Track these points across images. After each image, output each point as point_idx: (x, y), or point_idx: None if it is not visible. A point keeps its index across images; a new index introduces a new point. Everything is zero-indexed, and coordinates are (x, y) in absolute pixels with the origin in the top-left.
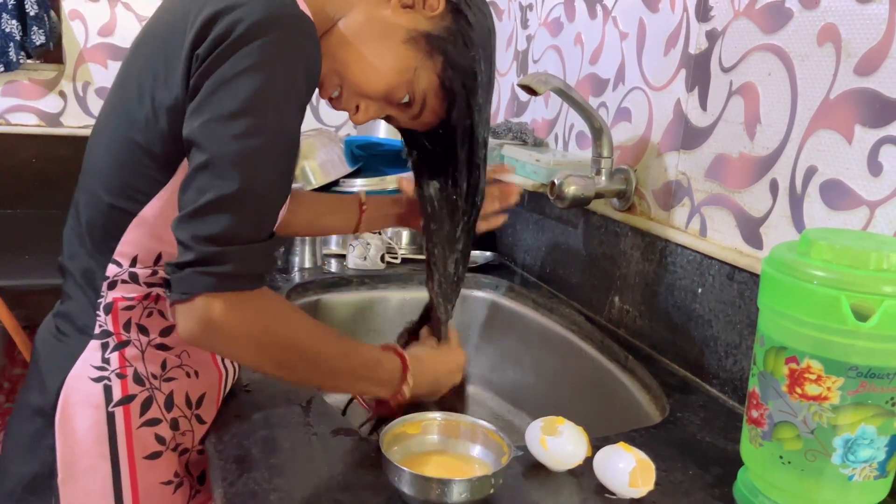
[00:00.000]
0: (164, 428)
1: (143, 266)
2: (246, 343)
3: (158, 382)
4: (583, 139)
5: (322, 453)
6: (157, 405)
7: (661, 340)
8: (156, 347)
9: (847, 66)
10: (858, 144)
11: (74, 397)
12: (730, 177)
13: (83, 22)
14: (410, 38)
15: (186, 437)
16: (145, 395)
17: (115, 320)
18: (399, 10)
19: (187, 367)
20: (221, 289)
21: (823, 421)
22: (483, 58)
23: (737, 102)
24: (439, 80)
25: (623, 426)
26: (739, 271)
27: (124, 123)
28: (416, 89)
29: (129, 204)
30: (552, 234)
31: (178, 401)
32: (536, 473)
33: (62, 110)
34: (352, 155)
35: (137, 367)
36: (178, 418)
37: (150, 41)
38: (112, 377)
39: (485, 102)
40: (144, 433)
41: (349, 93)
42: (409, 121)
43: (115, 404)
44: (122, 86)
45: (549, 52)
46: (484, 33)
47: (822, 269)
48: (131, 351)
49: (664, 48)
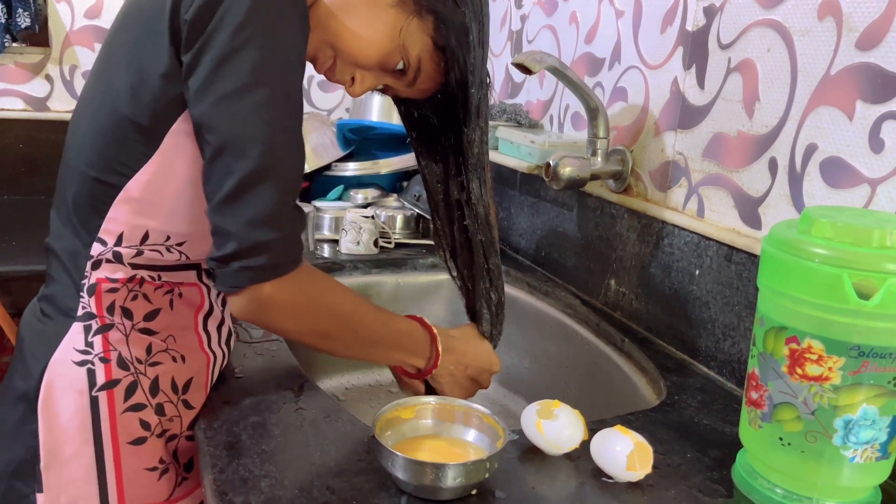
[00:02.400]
0: (148, 413)
1: (128, 245)
2: (293, 318)
3: (143, 367)
4: (578, 120)
5: (314, 439)
6: (141, 390)
7: (657, 323)
8: (140, 331)
9: (848, 40)
10: (860, 121)
11: (57, 382)
12: (728, 156)
13: (69, 4)
14: (399, 1)
15: (174, 423)
16: (130, 380)
17: (98, 302)
18: None
19: (173, 351)
20: (265, 279)
21: (824, 402)
22: (474, 17)
23: (735, 80)
24: (432, 41)
25: (619, 409)
26: (737, 252)
27: (108, 96)
28: (410, 53)
29: (114, 178)
30: (547, 217)
31: (164, 386)
32: (532, 457)
33: (49, 94)
34: (344, 139)
35: (122, 351)
36: (164, 403)
37: (132, 11)
38: (95, 361)
39: (479, 64)
40: (129, 418)
41: (343, 64)
42: (406, 89)
43: (99, 389)
44: (106, 59)
45: (544, 31)
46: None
47: (824, 246)
48: (115, 335)
49: (661, 26)
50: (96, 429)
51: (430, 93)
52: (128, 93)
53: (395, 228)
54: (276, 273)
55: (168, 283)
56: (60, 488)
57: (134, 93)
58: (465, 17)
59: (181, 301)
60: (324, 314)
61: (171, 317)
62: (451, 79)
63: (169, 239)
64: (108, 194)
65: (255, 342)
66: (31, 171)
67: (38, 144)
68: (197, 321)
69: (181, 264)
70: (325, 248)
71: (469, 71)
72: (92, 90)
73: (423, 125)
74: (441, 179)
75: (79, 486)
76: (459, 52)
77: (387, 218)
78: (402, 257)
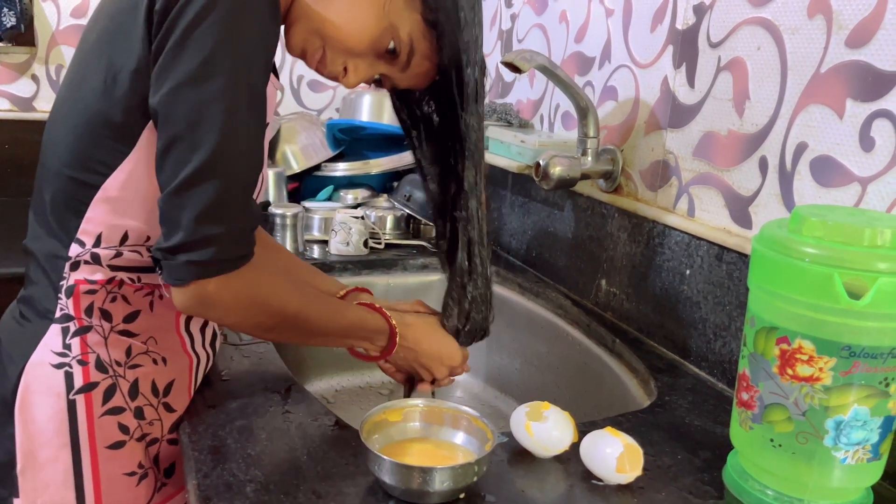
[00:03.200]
0: (127, 417)
1: (106, 246)
2: (236, 314)
3: (123, 370)
4: (568, 120)
5: (301, 442)
6: (120, 393)
7: (648, 323)
8: (119, 333)
9: (838, 38)
10: (850, 119)
11: (35, 385)
12: (718, 155)
13: (55, 3)
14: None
15: (154, 427)
16: (108, 383)
17: (76, 304)
18: None
19: (154, 353)
20: (211, 274)
21: (815, 402)
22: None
23: (725, 78)
24: (422, 17)
25: (610, 411)
26: (728, 251)
27: (84, 94)
28: (401, 33)
29: (91, 177)
30: (538, 217)
31: (144, 388)
32: (522, 460)
33: (35, 94)
34: (334, 139)
35: (100, 354)
36: (143, 406)
37: (105, 7)
38: (73, 364)
39: (473, 42)
40: (107, 422)
41: (334, 52)
42: (401, 75)
43: (76, 392)
44: (80, 57)
45: (534, 30)
46: None
47: (815, 246)
48: (93, 337)
49: (651, 24)
50: (73, 433)
51: (427, 77)
52: (101, 90)
53: (385, 229)
54: (221, 269)
55: (148, 284)
56: (37, 493)
57: (107, 90)
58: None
59: (161, 303)
60: (268, 312)
61: (152, 319)
62: (444, 57)
63: (149, 239)
64: (85, 194)
65: (242, 344)
66: (16, 172)
67: (24, 145)
68: (178, 323)
69: None
70: (314, 248)
71: (462, 49)
72: (67, 89)
73: (423, 123)
74: (440, 179)
75: (55, 490)
76: (450, 27)
77: (377, 218)
78: (393, 258)
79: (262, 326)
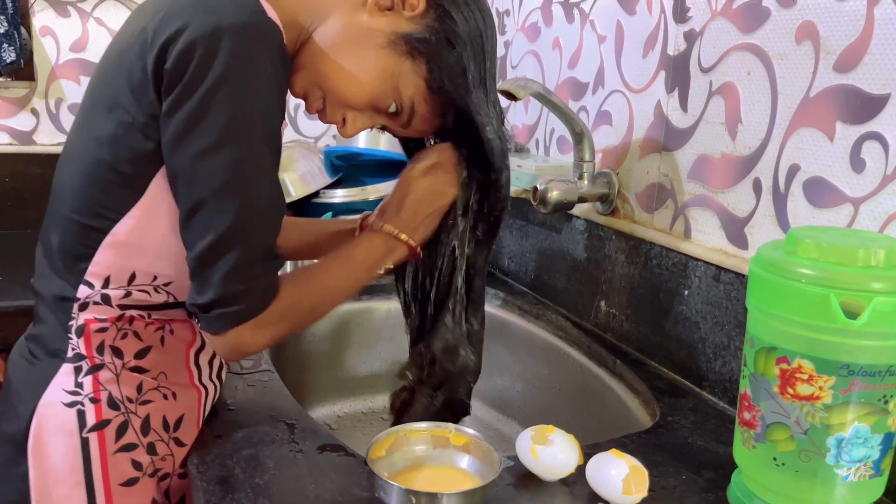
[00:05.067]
0: (140, 453)
1: (115, 287)
2: (279, 338)
3: (134, 406)
4: (564, 144)
5: (308, 471)
6: (132, 430)
7: (648, 344)
8: (131, 370)
9: (826, 63)
10: (840, 141)
11: (47, 424)
12: (712, 177)
13: (54, 38)
14: (390, 42)
15: (166, 462)
16: (120, 420)
17: (87, 343)
18: (376, 13)
19: (164, 388)
20: (244, 321)
21: (816, 421)
22: (472, 56)
23: (717, 103)
24: (426, 84)
25: (613, 432)
26: (725, 272)
27: (91, 141)
28: (403, 96)
29: (99, 223)
30: (536, 240)
31: (155, 424)
32: (528, 484)
33: (35, 128)
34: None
35: (112, 391)
36: (156, 442)
37: (113, 56)
38: (85, 402)
39: (483, 104)
40: (120, 459)
41: (333, 105)
42: (401, 129)
43: (89, 430)
44: (89, 103)
45: (528, 57)
46: (474, 29)
47: (810, 267)
48: (105, 374)
49: (643, 50)
50: (87, 471)
51: (429, 134)
52: (109, 139)
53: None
54: (252, 316)
55: (158, 320)
56: None
57: (115, 141)
58: (461, 59)
59: (172, 337)
60: (302, 320)
61: (163, 354)
62: (448, 121)
63: (156, 279)
64: (93, 238)
65: (245, 373)
66: (17, 205)
67: (24, 178)
68: (188, 356)
69: (170, 303)
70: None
71: (474, 112)
72: (76, 135)
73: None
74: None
75: None
76: (456, 95)
77: None
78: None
79: (304, 327)
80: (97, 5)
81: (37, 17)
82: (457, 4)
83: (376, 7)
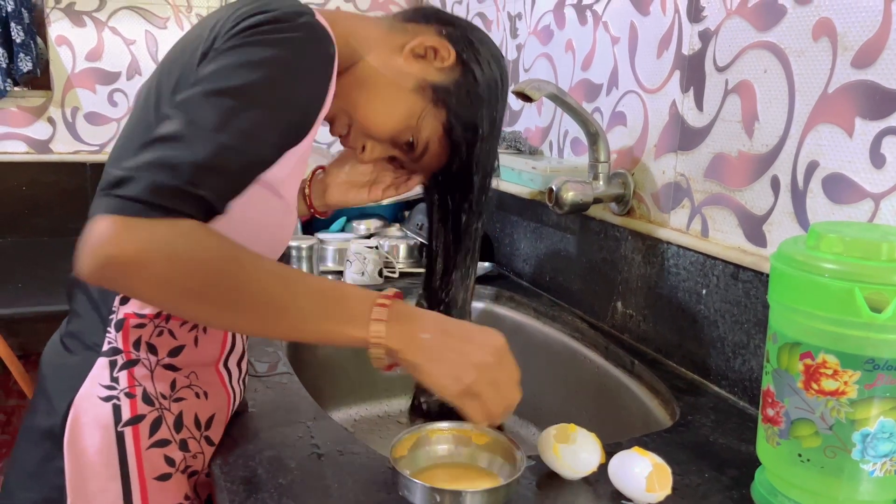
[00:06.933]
0: (173, 449)
1: None
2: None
3: (168, 402)
4: (577, 145)
5: (330, 471)
6: (166, 426)
7: (666, 344)
8: (165, 367)
9: (844, 59)
10: (860, 137)
11: (84, 417)
12: (729, 176)
13: (70, 47)
14: (419, 87)
15: (197, 460)
16: (155, 416)
17: (125, 338)
18: (411, 59)
19: (196, 387)
20: (120, 211)
21: (841, 416)
22: (486, 115)
23: (733, 101)
24: (443, 129)
25: (633, 432)
26: (744, 270)
27: (139, 136)
28: (421, 135)
29: None
30: (550, 242)
31: (188, 422)
32: (550, 483)
33: (51, 136)
34: None
35: (146, 387)
36: (188, 440)
37: (170, 55)
38: (121, 396)
39: (485, 156)
40: (154, 454)
41: (357, 133)
42: (411, 163)
43: (124, 424)
44: (142, 102)
45: (540, 60)
46: (491, 90)
47: (834, 261)
48: (140, 370)
49: (657, 50)
50: (123, 464)
51: (435, 170)
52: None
53: (398, 258)
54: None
55: None
56: None
57: None
58: (476, 116)
59: (206, 337)
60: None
61: (195, 354)
62: (453, 164)
63: None
64: None
65: (264, 375)
66: (33, 213)
67: (40, 186)
68: (220, 358)
69: None
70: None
71: (474, 161)
72: (125, 130)
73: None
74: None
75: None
76: (465, 145)
77: (390, 248)
78: (407, 286)
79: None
80: (112, 15)
81: (52, 27)
82: (479, 64)
83: (411, 53)
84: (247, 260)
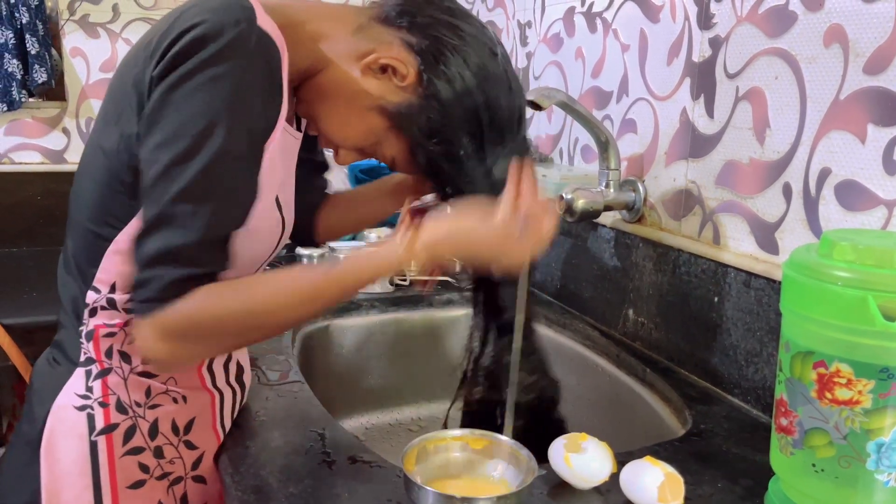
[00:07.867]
0: (147, 456)
1: (122, 292)
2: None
3: (143, 410)
4: (588, 153)
5: (342, 480)
6: (140, 433)
7: (678, 352)
8: (139, 375)
9: (856, 65)
10: (872, 143)
11: (59, 427)
12: (741, 183)
13: (84, 58)
14: (376, 107)
15: (175, 465)
16: (128, 424)
17: (97, 347)
18: (369, 74)
19: (174, 392)
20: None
21: (856, 426)
22: (461, 129)
23: (744, 108)
24: (408, 149)
25: (645, 441)
26: (756, 278)
27: (100, 152)
28: (385, 153)
29: (106, 230)
30: (561, 250)
31: (164, 428)
32: (562, 492)
33: (66, 147)
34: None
35: (120, 395)
36: (163, 446)
37: (121, 70)
38: (95, 406)
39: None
40: (127, 462)
41: (324, 139)
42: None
43: (98, 433)
44: (102, 115)
45: (550, 67)
46: (461, 105)
47: (846, 269)
48: (113, 378)
49: (667, 58)
50: (95, 474)
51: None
52: (115, 150)
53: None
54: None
55: None
56: None
57: (118, 151)
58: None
59: None
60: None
61: None
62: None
63: None
64: (101, 245)
65: (275, 384)
66: (48, 223)
67: (55, 196)
68: (202, 362)
69: None
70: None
71: (465, 182)
72: (90, 145)
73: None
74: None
75: None
76: (444, 169)
77: None
78: (418, 294)
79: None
80: (126, 26)
81: (67, 39)
82: (449, 78)
83: (369, 68)
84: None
